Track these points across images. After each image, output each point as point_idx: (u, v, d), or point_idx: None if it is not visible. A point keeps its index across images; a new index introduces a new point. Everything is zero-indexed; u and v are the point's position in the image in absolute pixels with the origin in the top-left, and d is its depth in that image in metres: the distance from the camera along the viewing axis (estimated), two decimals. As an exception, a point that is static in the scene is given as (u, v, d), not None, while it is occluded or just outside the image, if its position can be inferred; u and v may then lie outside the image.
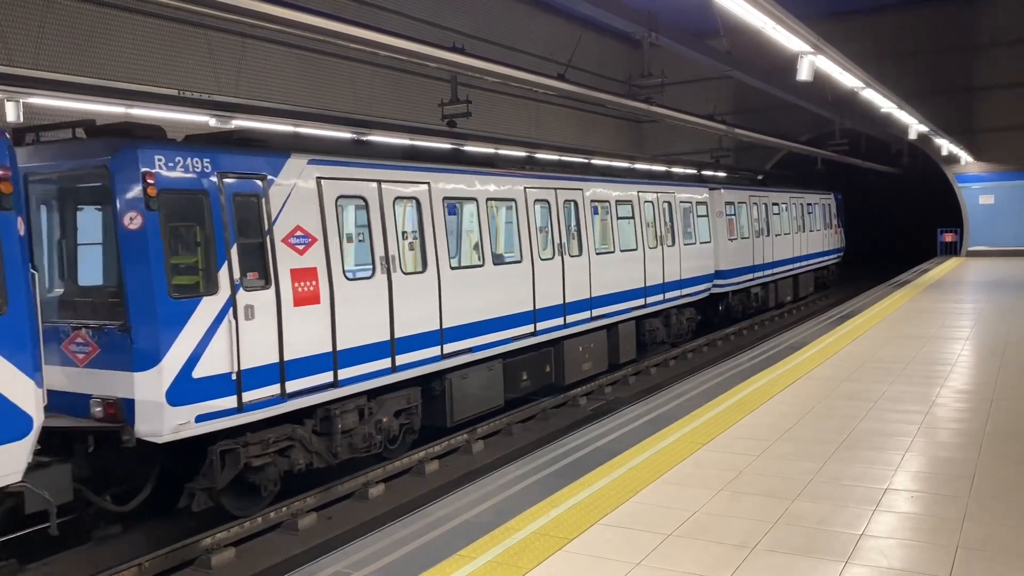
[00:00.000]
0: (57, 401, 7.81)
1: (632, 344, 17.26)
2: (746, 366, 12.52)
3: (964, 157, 33.31)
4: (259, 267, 8.85)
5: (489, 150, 15.34)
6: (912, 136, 27.02)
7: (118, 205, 7.97)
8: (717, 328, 22.28)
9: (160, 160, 8.09)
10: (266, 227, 9.00)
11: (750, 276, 23.40)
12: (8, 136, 6.72)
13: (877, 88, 17.75)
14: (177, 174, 8.20)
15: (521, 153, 15.93)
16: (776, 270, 25.59)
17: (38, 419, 6.69)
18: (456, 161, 12.87)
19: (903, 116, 23.00)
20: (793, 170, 33.71)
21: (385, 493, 10.76)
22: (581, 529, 6.14)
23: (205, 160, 8.48)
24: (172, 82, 14.66)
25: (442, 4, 23.23)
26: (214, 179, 8.55)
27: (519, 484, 7.23)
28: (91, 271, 8.70)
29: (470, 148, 14.34)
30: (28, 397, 6.59)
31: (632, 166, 20.64)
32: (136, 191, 7.91)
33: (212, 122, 10.24)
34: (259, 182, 9.02)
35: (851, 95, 18.60)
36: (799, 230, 28.23)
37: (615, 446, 8.30)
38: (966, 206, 34.49)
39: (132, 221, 7.93)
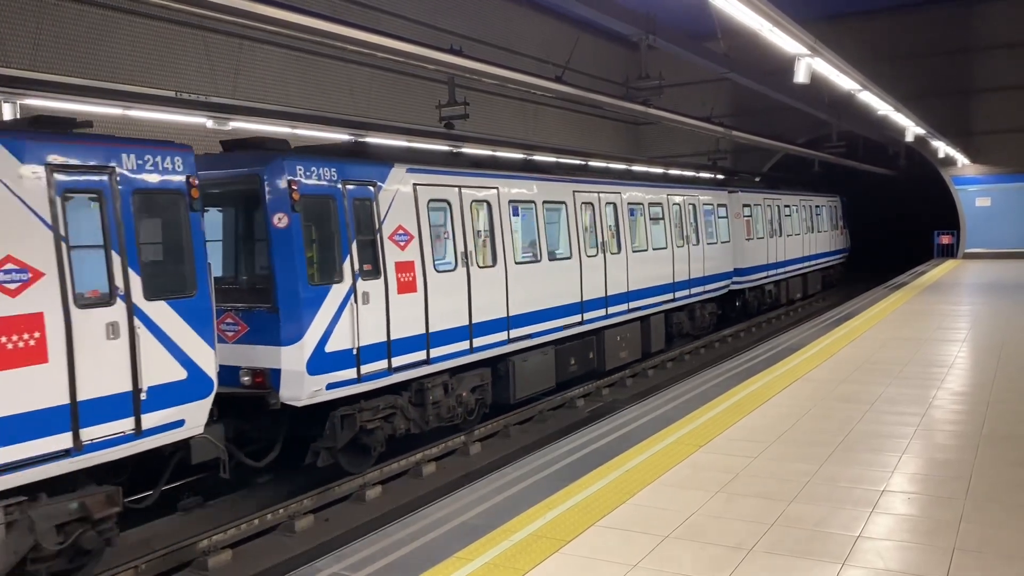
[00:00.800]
0: None
1: (662, 335, 18.72)
2: (743, 368, 12.52)
3: (961, 159, 33.37)
4: (372, 260, 10.50)
5: (534, 156, 16.21)
6: (909, 138, 27.07)
7: (269, 207, 9.53)
8: (735, 322, 23.58)
9: (300, 170, 9.71)
10: (377, 226, 10.63)
11: (765, 274, 24.84)
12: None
13: (874, 90, 17.78)
14: (313, 181, 9.86)
15: (570, 160, 17.88)
16: (788, 268, 26.97)
17: (215, 383, 8.23)
18: (518, 168, 14.59)
19: (900, 118, 23.04)
20: (791, 173, 33.77)
21: (382, 495, 10.75)
22: (579, 531, 6.14)
23: (332, 169, 10.12)
24: (169, 83, 14.66)
25: (440, 6, 23.24)
26: (339, 185, 10.17)
27: (517, 486, 7.23)
28: (243, 262, 10.30)
29: (503, 153, 15.58)
30: (210, 364, 8.14)
31: (665, 171, 22.15)
32: (283, 196, 9.52)
33: (209, 124, 10.23)
34: (371, 188, 10.66)
35: (848, 97, 18.63)
36: (808, 231, 29.57)
37: (613, 448, 8.30)
38: (963, 208, 34.55)
39: (280, 221, 9.55)
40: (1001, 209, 33.69)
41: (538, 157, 16.41)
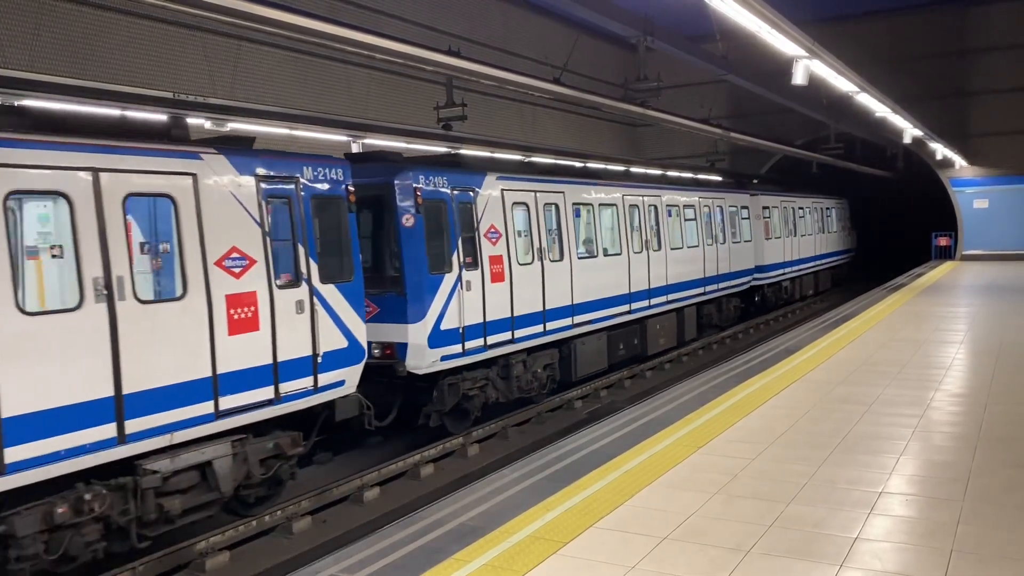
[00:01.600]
0: None
1: (694, 325, 20.48)
2: (741, 369, 12.53)
3: (958, 161, 33.40)
4: (472, 253, 12.52)
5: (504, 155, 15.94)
6: (907, 140, 27.10)
7: (399, 210, 11.55)
8: (754, 316, 25.46)
9: (422, 179, 11.81)
10: (475, 225, 12.66)
11: (782, 271, 26.75)
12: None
13: (871, 92, 17.80)
14: (431, 188, 11.95)
15: (617, 167, 19.37)
16: (802, 266, 28.85)
17: (366, 352, 10.27)
18: (578, 175, 16.51)
19: (897, 120, 23.07)
20: (789, 174, 33.82)
21: (380, 496, 10.74)
22: (577, 532, 6.14)
23: (444, 178, 12.24)
24: (167, 84, 14.65)
25: (438, 7, 23.25)
26: (448, 191, 12.25)
27: (515, 487, 7.23)
28: (377, 255, 12.08)
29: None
30: (362, 336, 10.13)
31: (694, 175, 23.78)
32: (410, 200, 11.64)
33: (207, 124, 10.22)
34: (471, 193, 12.68)
35: (846, 99, 18.65)
36: (820, 231, 31.45)
37: (611, 449, 8.30)
38: (960, 210, 34.59)
39: (407, 221, 11.60)
40: (999, 211, 33.72)
41: (592, 165, 18.45)
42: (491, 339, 12.75)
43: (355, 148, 13.49)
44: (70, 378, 7.01)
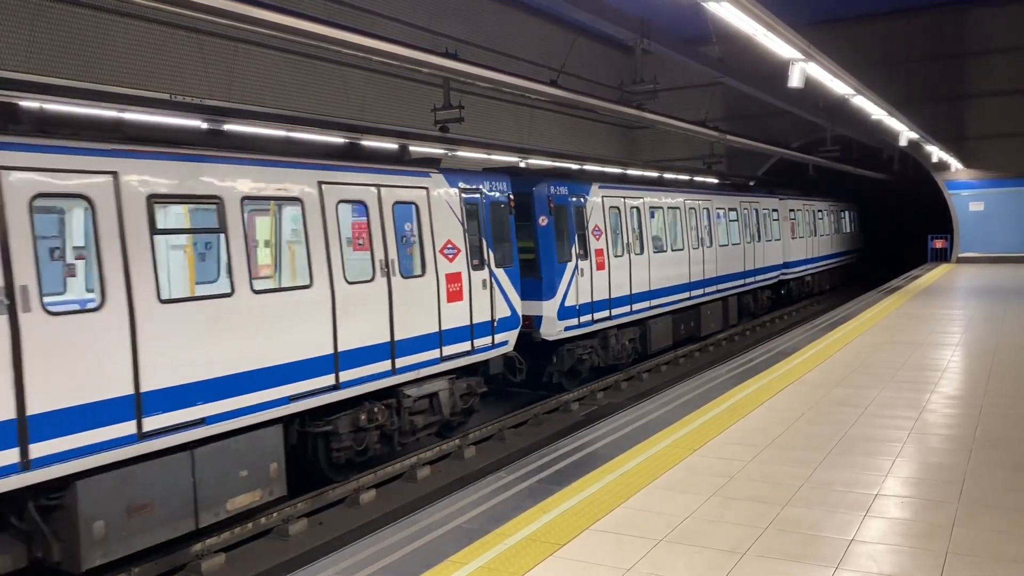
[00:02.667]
0: None
1: (735, 312, 23.69)
2: (737, 372, 12.54)
3: (954, 164, 33.47)
4: (583, 247, 15.61)
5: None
6: (903, 143, 27.14)
7: (536, 212, 14.76)
8: (782, 307, 28.53)
9: (551, 189, 15.01)
10: (585, 224, 15.77)
11: (805, 267, 30.13)
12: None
13: (867, 95, 17.83)
14: (557, 195, 15.16)
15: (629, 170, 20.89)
16: (821, 263, 32.27)
17: (520, 320, 13.52)
18: (653, 183, 19.94)
19: (893, 123, 23.10)
20: (785, 177, 33.89)
21: (377, 498, 10.74)
22: (573, 535, 6.14)
23: (565, 188, 15.45)
24: (164, 86, 14.64)
25: (436, 9, 23.25)
26: (570, 198, 15.46)
27: (511, 489, 7.23)
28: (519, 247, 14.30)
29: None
30: (519, 308, 13.37)
31: (734, 181, 26.96)
32: (545, 205, 14.85)
33: (204, 126, 10.21)
34: (583, 199, 15.85)
35: (842, 102, 18.69)
36: (835, 232, 34.90)
37: (607, 451, 8.31)
38: (956, 213, 34.66)
39: (543, 221, 14.80)
40: (994, 213, 33.78)
41: (668, 175, 21.66)
42: (596, 315, 16.08)
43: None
44: (372, 328, 10.33)
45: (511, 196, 13.58)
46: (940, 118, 31.60)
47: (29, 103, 7.92)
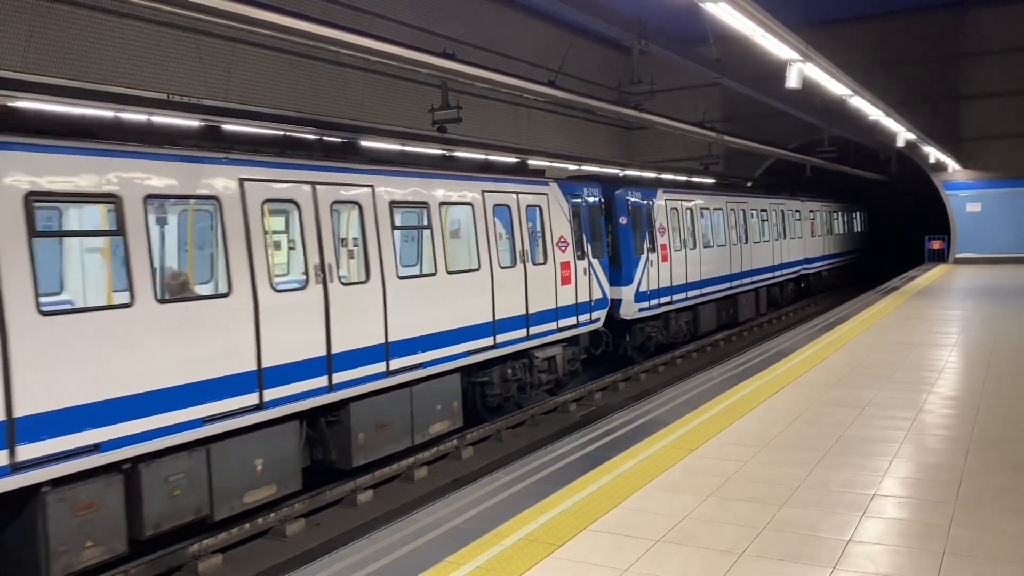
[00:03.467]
0: None
1: (764, 302, 26.50)
2: (735, 372, 12.55)
3: (951, 165, 33.51)
4: (651, 242, 18.72)
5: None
6: (900, 144, 27.18)
7: (617, 213, 17.74)
8: (804, 297, 31.48)
9: (628, 194, 18.13)
10: (653, 223, 18.92)
11: (822, 263, 33.10)
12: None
13: (865, 96, 17.85)
14: (633, 200, 18.27)
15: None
16: (835, 259, 35.41)
17: (609, 301, 16.51)
18: (702, 188, 23.18)
19: (891, 124, 23.14)
20: (782, 177, 33.92)
21: (374, 499, 10.73)
22: (570, 535, 6.14)
23: (639, 193, 18.60)
24: (161, 86, 14.62)
25: (433, 10, 23.25)
26: (643, 201, 18.63)
27: (508, 490, 7.23)
28: (604, 242, 17.11)
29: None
30: (607, 292, 16.30)
31: (764, 185, 29.99)
32: (624, 207, 17.88)
33: (200, 126, 10.20)
34: (651, 202, 19.01)
35: (839, 103, 18.72)
36: (848, 232, 38.20)
37: (604, 452, 8.31)
38: (953, 213, 34.69)
39: (623, 220, 17.81)
40: (991, 214, 33.82)
41: (698, 179, 24.32)
42: (661, 300, 19.08)
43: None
44: (516, 304, 13.37)
45: (602, 200, 16.76)
46: (937, 119, 31.65)
47: (26, 103, 7.92)
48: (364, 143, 11.82)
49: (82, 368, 7.23)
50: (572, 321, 15.03)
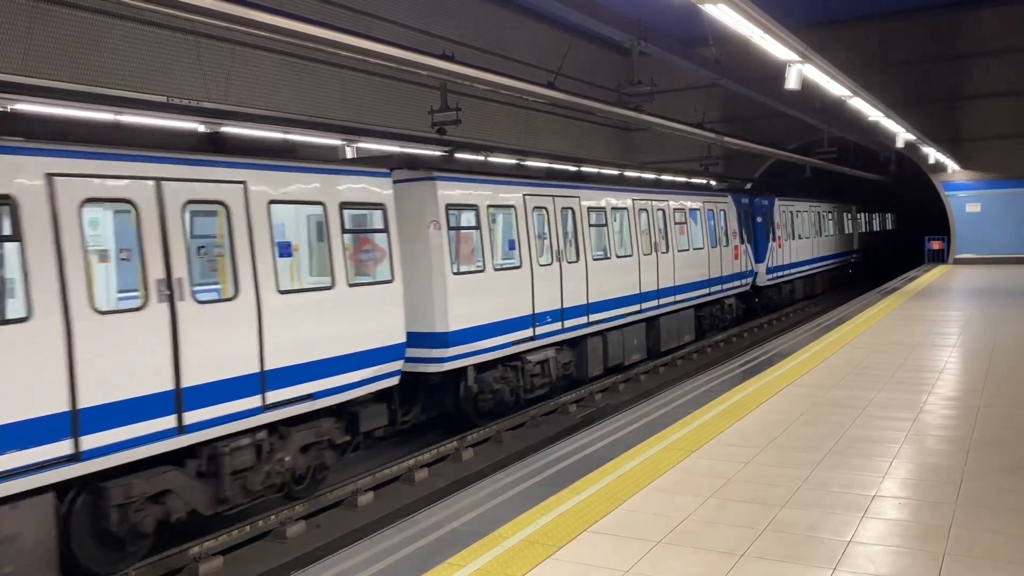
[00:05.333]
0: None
1: (812, 286, 32.24)
2: (735, 373, 12.55)
3: (951, 165, 33.51)
4: (774, 235, 25.95)
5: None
6: (899, 144, 27.18)
7: (755, 214, 25.68)
8: (846, 284, 37.10)
9: (762, 200, 26.08)
10: (774, 220, 26.25)
11: (846, 257, 38.05)
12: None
13: (864, 97, 17.85)
14: (763, 205, 26.17)
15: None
16: (858, 255, 41.28)
17: (755, 273, 25.86)
18: (792, 194, 29.71)
19: (890, 125, 23.14)
20: (781, 178, 33.95)
21: (374, 501, 10.73)
22: (570, 536, 6.14)
23: (767, 200, 26.26)
24: (161, 88, 14.63)
25: (433, 12, 23.27)
26: (770, 206, 26.44)
27: (509, 492, 7.22)
28: (747, 233, 24.68)
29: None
30: (753, 266, 25.70)
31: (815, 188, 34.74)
32: (760, 209, 26.06)
33: (201, 128, 10.22)
34: (772, 206, 26.38)
35: (839, 103, 18.72)
36: (870, 231, 44.80)
37: (604, 453, 8.31)
38: (953, 214, 34.70)
39: (760, 219, 25.76)
40: (991, 215, 33.82)
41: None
42: (780, 274, 27.25)
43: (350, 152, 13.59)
44: (720, 268, 21.83)
45: (751, 204, 25.33)
46: (937, 119, 31.66)
47: (26, 105, 7.92)
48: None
49: (567, 292, 14.78)
50: (738, 283, 23.80)
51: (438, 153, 14.15)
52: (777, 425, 9.17)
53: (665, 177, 22.24)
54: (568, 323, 14.94)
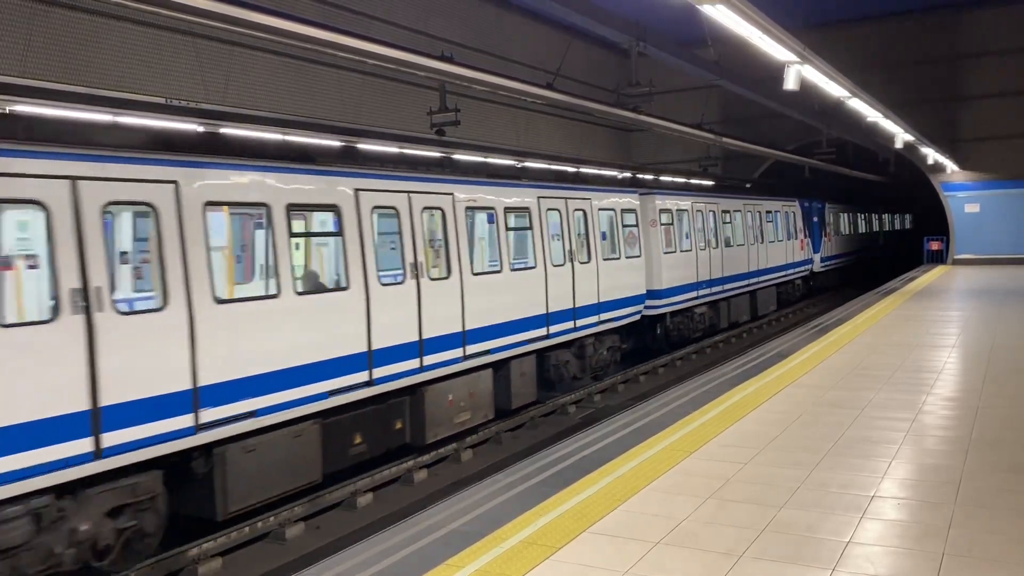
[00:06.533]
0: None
1: (849, 272, 38.99)
2: (734, 374, 12.55)
3: (950, 166, 33.53)
4: (824, 230, 34.28)
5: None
6: (898, 145, 27.20)
7: (811, 214, 32.48)
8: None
9: (815, 204, 33.37)
10: (827, 221, 34.58)
11: (858, 255, 42.21)
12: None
13: (863, 97, 17.86)
14: (817, 207, 33.41)
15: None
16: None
17: (813, 260, 32.49)
18: (841, 201, 37.91)
19: (889, 125, 23.16)
20: (780, 178, 34.01)
21: (374, 502, 10.73)
22: (569, 537, 6.14)
23: (820, 204, 33.83)
24: (160, 90, 14.62)
25: (431, 13, 23.28)
26: (821, 209, 33.70)
27: (508, 493, 7.22)
28: (804, 230, 31.90)
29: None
30: (811, 255, 32.62)
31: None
32: (816, 212, 33.19)
33: (200, 130, 10.22)
34: (823, 209, 34.00)
35: (837, 104, 18.73)
36: (880, 230, 49.87)
37: (603, 454, 8.31)
38: (952, 214, 34.73)
39: (815, 219, 33.03)
40: (990, 215, 33.84)
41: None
42: (829, 263, 34.08)
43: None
44: (788, 254, 28.87)
45: (810, 207, 31.51)
46: (936, 120, 31.68)
47: (24, 107, 7.92)
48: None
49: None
50: (803, 269, 30.72)
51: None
52: (776, 426, 9.17)
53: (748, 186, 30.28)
54: (714, 289, 22.11)
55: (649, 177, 22.77)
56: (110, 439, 7.33)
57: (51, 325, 7.02)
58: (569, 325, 14.93)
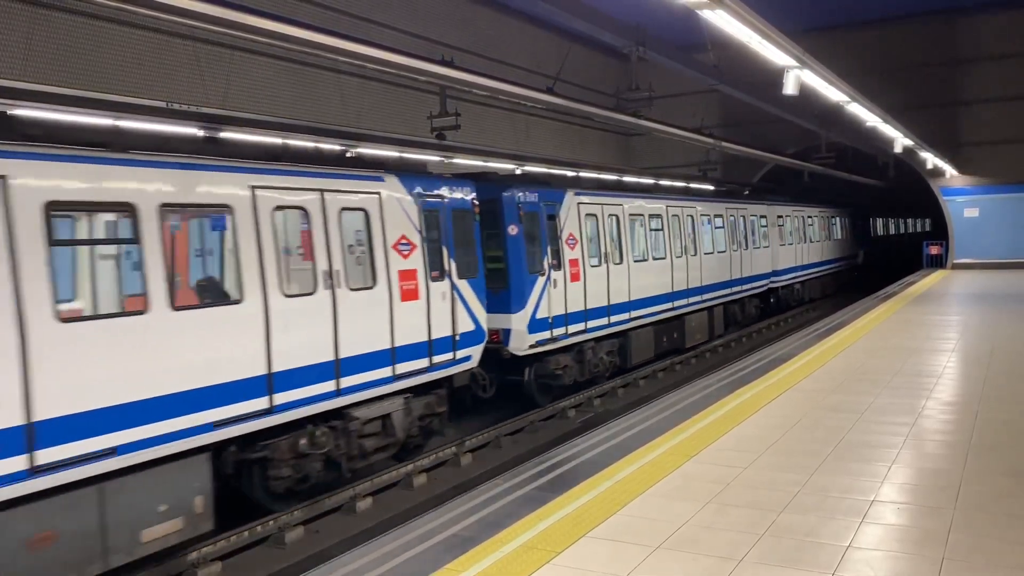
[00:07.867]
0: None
1: (883, 266, 41.77)
2: (734, 378, 12.55)
3: (949, 170, 33.57)
4: (868, 236, 46.97)
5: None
6: (897, 150, 27.22)
7: (845, 222, 38.50)
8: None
9: (851, 210, 40.59)
10: (868, 225, 48.32)
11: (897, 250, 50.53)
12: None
13: (862, 102, 17.89)
14: (833, 213, 36.60)
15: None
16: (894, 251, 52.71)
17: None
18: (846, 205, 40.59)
19: (888, 130, 23.18)
20: (780, 183, 34.01)
21: (373, 506, 10.72)
22: (569, 542, 6.14)
23: (837, 210, 37.32)
24: (160, 94, 14.64)
25: (432, 17, 23.31)
26: (853, 217, 40.36)
27: (507, 497, 7.22)
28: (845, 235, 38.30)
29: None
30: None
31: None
32: (839, 219, 37.41)
33: (200, 133, 10.23)
34: (862, 212, 43.86)
35: (837, 109, 18.75)
36: (914, 231, 57.46)
37: (604, 459, 8.30)
38: (951, 219, 34.76)
39: (845, 224, 39.00)
40: (989, 220, 33.88)
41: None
42: (869, 259, 41.40)
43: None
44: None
45: (855, 213, 38.25)
46: (935, 125, 31.71)
47: (25, 111, 7.93)
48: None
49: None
50: (852, 261, 36.75)
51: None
52: (776, 430, 9.17)
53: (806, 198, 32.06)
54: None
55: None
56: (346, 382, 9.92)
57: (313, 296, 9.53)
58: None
